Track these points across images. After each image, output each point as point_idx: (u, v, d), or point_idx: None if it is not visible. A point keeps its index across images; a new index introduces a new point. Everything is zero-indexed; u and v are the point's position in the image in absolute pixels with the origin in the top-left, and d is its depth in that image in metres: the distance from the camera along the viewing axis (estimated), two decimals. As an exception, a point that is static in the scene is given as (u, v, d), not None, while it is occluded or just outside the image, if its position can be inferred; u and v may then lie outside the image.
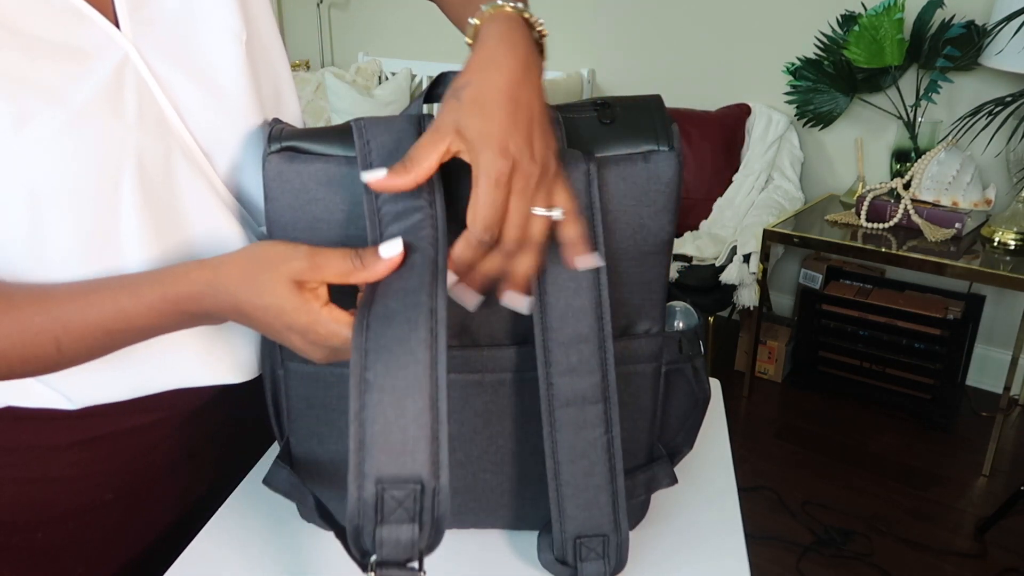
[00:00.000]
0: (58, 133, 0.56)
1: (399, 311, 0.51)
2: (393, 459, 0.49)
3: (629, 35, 3.03)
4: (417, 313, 0.51)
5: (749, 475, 2.27)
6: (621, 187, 0.59)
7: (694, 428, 0.70)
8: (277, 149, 0.61)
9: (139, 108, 0.61)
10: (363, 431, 0.49)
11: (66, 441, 0.68)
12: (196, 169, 0.65)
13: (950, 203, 2.28)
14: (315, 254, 0.55)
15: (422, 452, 0.49)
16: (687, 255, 2.51)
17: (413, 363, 0.50)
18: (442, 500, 0.50)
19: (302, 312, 0.54)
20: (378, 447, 0.49)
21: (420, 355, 0.50)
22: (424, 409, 0.50)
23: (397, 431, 0.49)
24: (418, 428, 0.50)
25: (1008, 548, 2.00)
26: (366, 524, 0.50)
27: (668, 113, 0.62)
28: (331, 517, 0.63)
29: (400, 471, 0.49)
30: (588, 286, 0.58)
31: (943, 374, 2.43)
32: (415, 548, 0.50)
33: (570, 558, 0.63)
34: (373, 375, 0.50)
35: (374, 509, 0.49)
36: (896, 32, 2.37)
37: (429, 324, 0.50)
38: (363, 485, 0.49)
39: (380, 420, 0.49)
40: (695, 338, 0.68)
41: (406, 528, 0.50)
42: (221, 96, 0.66)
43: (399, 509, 0.49)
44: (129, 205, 0.61)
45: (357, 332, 0.51)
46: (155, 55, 0.62)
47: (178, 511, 0.78)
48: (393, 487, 0.49)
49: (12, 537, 0.70)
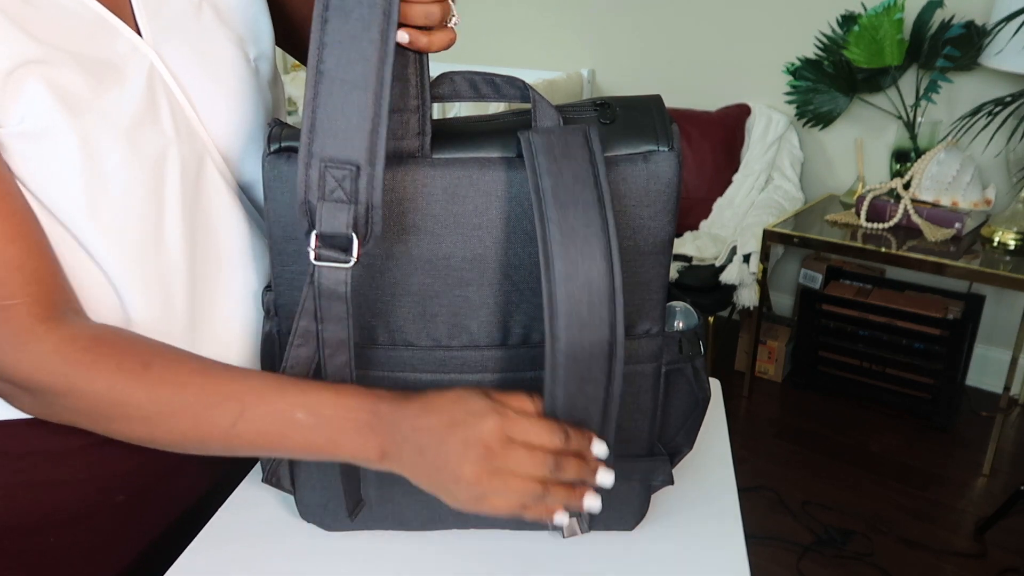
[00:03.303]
0: (119, 157, 0.58)
1: (354, 8, 0.54)
2: (336, 142, 0.55)
3: (629, 35, 3.03)
4: (371, 13, 0.54)
5: (749, 475, 2.27)
6: (621, 187, 0.59)
7: (694, 428, 0.70)
8: (276, 149, 0.61)
9: (173, 118, 0.62)
10: (314, 116, 0.55)
11: (77, 445, 0.68)
12: (217, 171, 0.67)
13: (950, 203, 2.28)
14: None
15: (361, 140, 0.55)
16: (687, 255, 2.51)
17: (362, 60, 0.55)
18: (375, 187, 0.56)
19: (483, 399, 0.56)
20: (324, 131, 0.55)
21: (369, 53, 0.55)
22: (368, 104, 0.55)
23: (342, 118, 0.55)
24: (360, 118, 0.55)
25: (1008, 548, 2.00)
26: (311, 198, 0.56)
27: (668, 113, 0.62)
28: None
29: (340, 153, 0.55)
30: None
31: (943, 374, 2.43)
32: (349, 228, 0.56)
33: None
34: (325, 67, 0.55)
35: (318, 186, 0.56)
36: (896, 32, 2.37)
37: (381, 25, 0.54)
38: (310, 164, 0.56)
39: (328, 107, 0.55)
40: (695, 338, 0.68)
41: (343, 207, 0.56)
42: (233, 98, 0.67)
43: (338, 189, 0.56)
44: (172, 210, 0.63)
45: (315, 26, 0.55)
46: (175, 61, 0.63)
47: (180, 511, 0.78)
48: (334, 167, 0.56)
49: (23, 541, 0.70)
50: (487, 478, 0.55)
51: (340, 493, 0.69)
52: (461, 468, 0.54)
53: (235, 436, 0.58)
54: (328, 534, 0.72)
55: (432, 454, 0.55)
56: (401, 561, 0.69)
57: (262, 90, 0.70)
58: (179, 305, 0.66)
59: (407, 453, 0.57)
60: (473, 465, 0.54)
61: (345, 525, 0.71)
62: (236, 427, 0.58)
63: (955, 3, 2.38)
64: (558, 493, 0.56)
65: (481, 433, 0.54)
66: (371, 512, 0.70)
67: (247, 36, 0.69)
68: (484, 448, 0.54)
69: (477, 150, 0.60)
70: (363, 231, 0.57)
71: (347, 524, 0.71)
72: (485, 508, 0.56)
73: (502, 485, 0.55)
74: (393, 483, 0.68)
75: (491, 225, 0.60)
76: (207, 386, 0.58)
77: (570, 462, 0.57)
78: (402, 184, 0.59)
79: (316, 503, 0.71)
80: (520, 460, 0.54)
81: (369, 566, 0.69)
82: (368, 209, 0.56)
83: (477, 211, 0.59)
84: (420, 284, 0.61)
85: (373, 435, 0.57)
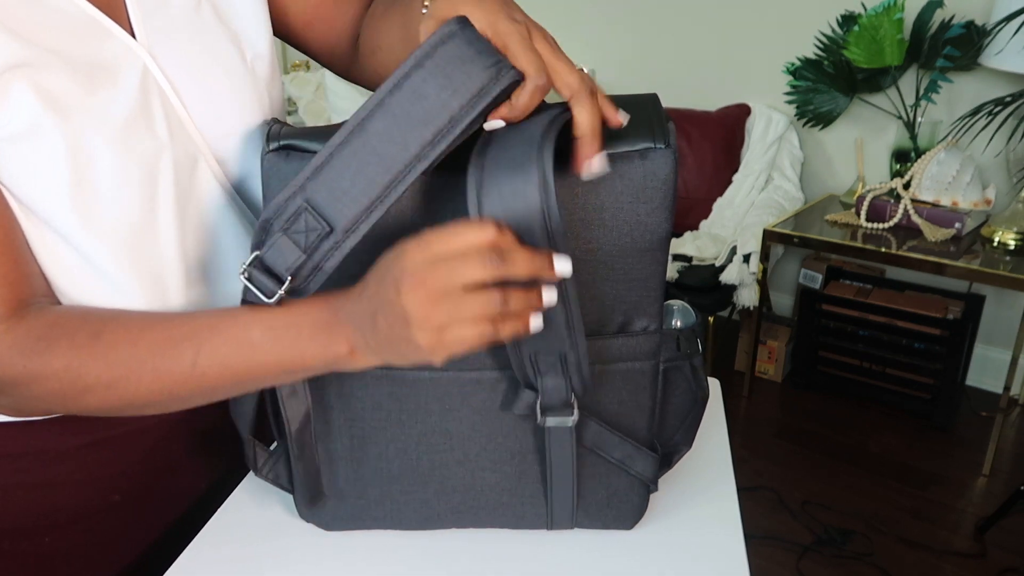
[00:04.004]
0: (111, 158, 0.58)
1: (434, 95, 0.53)
2: (329, 196, 0.54)
3: (629, 35, 3.03)
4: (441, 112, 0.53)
5: (749, 475, 2.27)
6: (618, 185, 0.59)
7: (693, 426, 0.70)
8: (275, 147, 0.61)
9: (166, 120, 0.62)
10: (328, 159, 0.54)
11: (73, 445, 0.68)
12: (211, 173, 0.67)
13: (950, 203, 2.28)
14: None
15: (351, 210, 0.54)
16: (687, 255, 2.51)
17: (402, 146, 0.53)
18: (335, 255, 0.55)
19: (409, 257, 0.51)
20: (327, 178, 0.54)
21: (412, 144, 0.53)
22: (379, 185, 0.53)
23: (348, 180, 0.54)
24: (363, 192, 0.54)
25: (1008, 548, 2.00)
26: (275, 224, 0.55)
27: (665, 111, 0.62)
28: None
29: (325, 208, 0.55)
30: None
31: (943, 374, 2.43)
32: (287, 272, 0.56)
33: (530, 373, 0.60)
34: (371, 126, 0.53)
35: (288, 218, 0.55)
36: (896, 32, 2.37)
37: (442, 127, 0.53)
38: (296, 195, 0.55)
39: (345, 161, 0.54)
40: (693, 336, 0.68)
41: (295, 251, 0.55)
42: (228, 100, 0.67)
43: (303, 233, 0.55)
44: (166, 212, 0.63)
45: (397, 77, 0.52)
46: (169, 63, 0.63)
47: (179, 510, 0.78)
48: (311, 215, 0.55)
49: (20, 543, 0.70)
50: (432, 307, 0.49)
51: (340, 493, 0.69)
52: (404, 309, 0.50)
53: (200, 376, 0.57)
54: (328, 534, 0.72)
55: (381, 316, 0.52)
56: (401, 561, 0.69)
57: (259, 91, 0.70)
58: (175, 306, 0.66)
59: (368, 333, 0.54)
60: (409, 297, 0.49)
61: (345, 525, 0.71)
62: (197, 366, 0.57)
63: (955, 3, 2.38)
64: (516, 296, 0.51)
65: (404, 264, 0.50)
66: (371, 512, 0.70)
67: (244, 36, 0.69)
68: (412, 277, 0.49)
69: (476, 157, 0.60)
70: (298, 282, 0.56)
71: (347, 524, 0.71)
72: (455, 344, 0.51)
73: (453, 308, 0.49)
74: (393, 482, 0.68)
75: None
76: (158, 335, 0.58)
77: (510, 255, 0.50)
78: None
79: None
80: (453, 272, 0.49)
81: (369, 566, 0.69)
82: (315, 270, 0.56)
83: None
84: None
85: (335, 330, 0.55)
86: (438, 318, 0.50)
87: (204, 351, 0.57)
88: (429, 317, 0.50)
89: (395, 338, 0.52)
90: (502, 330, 0.51)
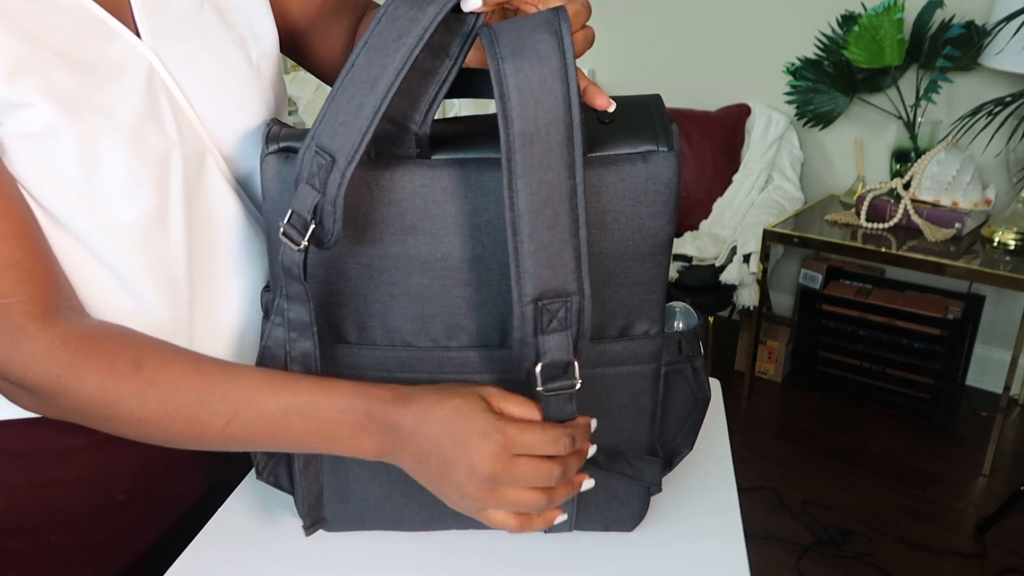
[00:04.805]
0: (122, 156, 0.58)
1: (401, 17, 0.55)
2: (330, 132, 0.56)
3: (629, 35, 3.03)
4: (411, 26, 0.54)
5: (749, 475, 2.27)
6: (620, 187, 0.59)
7: (694, 429, 0.70)
8: (275, 150, 0.61)
9: (174, 118, 0.62)
10: (329, 104, 0.56)
11: (78, 444, 0.68)
12: (218, 171, 0.67)
13: (950, 203, 2.28)
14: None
15: (347, 139, 0.55)
16: (687, 255, 2.51)
17: (380, 65, 0.54)
18: (341, 185, 0.55)
19: (486, 415, 0.56)
20: (329, 119, 0.55)
21: (387, 60, 0.54)
22: (368, 105, 0.54)
23: (344, 113, 0.55)
24: (355, 119, 0.55)
25: (1008, 548, 2.00)
26: (301, 175, 0.57)
27: (668, 113, 0.62)
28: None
29: (327, 144, 0.56)
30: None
31: (943, 374, 2.43)
32: (309, 214, 0.56)
33: (530, 329, 0.56)
34: (357, 61, 0.55)
35: (305, 167, 0.57)
36: (896, 32, 2.37)
37: (402, 33, 0.54)
38: (309, 146, 0.56)
39: (341, 100, 0.55)
40: (695, 339, 0.67)
41: (312, 193, 0.56)
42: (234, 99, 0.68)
43: (315, 175, 0.56)
44: (176, 209, 0.63)
45: (371, 25, 0.55)
46: (175, 62, 0.63)
47: (181, 510, 0.78)
48: (320, 154, 0.56)
49: (25, 541, 0.70)
50: (490, 494, 0.55)
51: (339, 492, 0.69)
52: (464, 487, 0.55)
53: (230, 436, 0.59)
54: (328, 534, 0.72)
55: (435, 464, 0.56)
56: (401, 561, 0.69)
57: (264, 90, 0.70)
58: (182, 304, 0.66)
59: (408, 456, 0.57)
60: (477, 487, 0.55)
61: (345, 525, 0.71)
62: (230, 427, 0.58)
63: (955, 3, 2.38)
64: (561, 494, 0.57)
65: (485, 456, 0.54)
66: (371, 512, 0.70)
67: (249, 36, 0.69)
68: (489, 472, 0.54)
69: (476, 150, 0.60)
70: (321, 222, 0.57)
71: (347, 524, 0.71)
72: (484, 519, 0.57)
73: (504, 500, 0.56)
74: (393, 483, 0.68)
75: (489, 226, 0.59)
76: (198, 388, 0.58)
77: (571, 461, 0.57)
78: (400, 184, 0.59)
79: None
80: (525, 475, 0.55)
81: (369, 566, 0.69)
82: (331, 203, 0.56)
83: (476, 211, 0.59)
84: (418, 285, 0.61)
85: (367, 436, 0.58)
86: (489, 502, 0.56)
87: (239, 417, 0.58)
88: (483, 499, 0.56)
89: (437, 486, 0.57)
90: (555, 497, 0.57)
